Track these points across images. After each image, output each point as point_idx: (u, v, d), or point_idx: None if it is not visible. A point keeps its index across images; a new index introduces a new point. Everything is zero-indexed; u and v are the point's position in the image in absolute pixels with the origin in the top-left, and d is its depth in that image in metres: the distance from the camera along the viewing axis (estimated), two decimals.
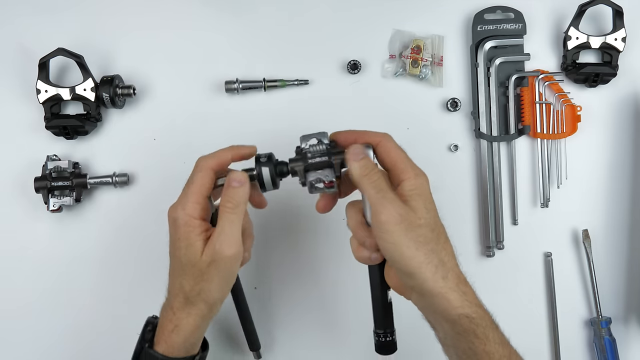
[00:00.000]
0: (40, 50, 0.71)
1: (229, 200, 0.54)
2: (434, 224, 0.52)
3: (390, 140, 0.55)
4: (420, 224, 0.51)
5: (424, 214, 0.52)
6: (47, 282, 0.74)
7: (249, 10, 0.77)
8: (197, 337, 0.57)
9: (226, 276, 0.55)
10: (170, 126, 0.75)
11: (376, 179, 0.52)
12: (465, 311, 0.51)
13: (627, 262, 0.75)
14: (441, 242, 0.52)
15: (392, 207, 0.50)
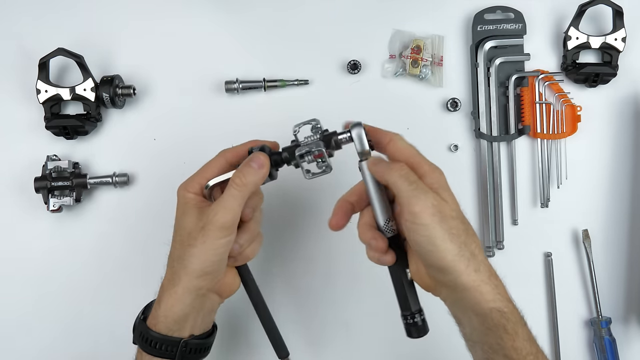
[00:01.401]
0: (40, 50, 0.71)
1: (239, 177, 0.54)
2: (463, 215, 0.53)
3: (401, 139, 0.55)
4: (453, 216, 0.51)
5: (454, 206, 0.52)
6: (47, 282, 0.74)
7: (249, 10, 0.77)
8: (178, 316, 0.55)
9: (210, 246, 0.54)
10: (170, 126, 0.75)
11: (406, 172, 0.52)
12: (497, 305, 0.50)
13: (627, 262, 0.75)
14: (470, 234, 0.52)
15: (426, 197, 0.50)
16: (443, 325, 0.55)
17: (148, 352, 0.55)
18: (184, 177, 0.75)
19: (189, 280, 0.55)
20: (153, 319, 0.56)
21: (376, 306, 0.72)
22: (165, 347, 0.55)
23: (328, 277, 0.74)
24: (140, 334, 0.56)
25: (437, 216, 0.50)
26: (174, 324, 0.55)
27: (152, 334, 0.55)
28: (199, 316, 0.57)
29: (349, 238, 0.58)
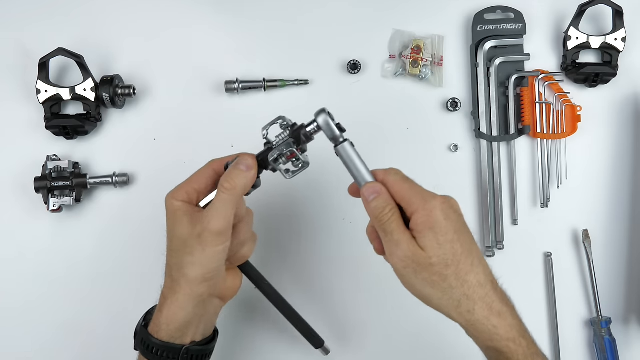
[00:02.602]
0: (40, 50, 0.71)
1: (227, 180, 0.54)
2: (451, 258, 0.50)
3: (394, 174, 0.53)
4: (431, 263, 0.49)
5: (435, 251, 0.49)
6: (46, 282, 0.74)
7: (249, 10, 0.77)
8: (180, 323, 0.55)
9: (209, 254, 0.53)
10: (170, 126, 0.75)
11: (385, 221, 0.51)
12: (495, 345, 0.50)
13: (627, 262, 0.75)
14: (462, 275, 0.50)
15: (399, 250, 0.50)
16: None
17: (149, 358, 0.55)
18: (184, 177, 0.75)
19: (190, 287, 0.54)
20: (155, 326, 0.56)
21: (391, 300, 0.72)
22: (167, 354, 0.55)
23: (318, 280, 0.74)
24: (142, 341, 0.56)
25: (410, 268, 0.50)
26: (176, 332, 0.55)
27: (153, 341, 0.55)
28: (201, 322, 0.57)
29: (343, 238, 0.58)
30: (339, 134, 0.54)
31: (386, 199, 0.52)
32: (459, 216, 0.52)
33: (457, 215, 0.52)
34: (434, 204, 0.50)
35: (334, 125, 0.54)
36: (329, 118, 0.54)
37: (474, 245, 0.52)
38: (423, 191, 0.52)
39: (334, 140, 0.54)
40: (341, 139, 0.54)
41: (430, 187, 0.73)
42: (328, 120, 0.54)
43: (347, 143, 0.54)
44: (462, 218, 0.53)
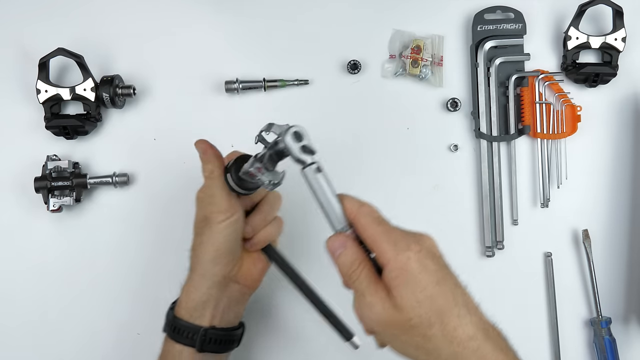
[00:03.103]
0: (40, 50, 0.71)
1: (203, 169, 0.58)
2: (434, 315, 0.44)
3: (366, 215, 0.47)
4: (411, 325, 0.44)
5: (414, 311, 0.43)
6: (46, 282, 0.74)
7: (249, 10, 0.77)
8: (196, 302, 0.57)
9: (214, 230, 0.56)
10: (170, 126, 0.75)
11: (354, 280, 0.46)
12: None
13: (627, 262, 0.75)
14: (449, 331, 0.44)
15: (372, 313, 0.45)
16: None
17: (173, 339, 0.57)
18: (184, 177, 0.76)
19: (203, 267, 0.57)
20: (178, 306, 0.59)
21: None
22: (187, 334, 0.57)
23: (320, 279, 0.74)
24: (168, 322, 0.59)
25: (388, 332, 0.45)
26: (194, 311, 0.57)
27: (176, 320, 0.57)
28: (219, 306, 0.58)
29: None
30: (302, 159, 0.49)
31: (353, 254, 0.47)
32: (439, 262, 0.46)
33: (435, 262, 0.46)
34: (407, 254, 0.44)
35: (296, 150, 0.48)
36: (290, 141, 0.49)
37: (459, 291, 0.46)
38: (397, 237, 0.46)
39: (299, 163, 0.49)
40: (307, 162, 0.49)
41: (430, 187, 0.75)
42: (290, 144, 0.49)
43: (310, 169, 0.49)
44: (442, 261, 0.47)
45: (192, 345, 0.57)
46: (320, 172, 0.49)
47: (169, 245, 0.74)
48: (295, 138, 0.49)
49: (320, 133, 0.75)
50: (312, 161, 0.49)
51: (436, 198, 0.75)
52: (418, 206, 0.75)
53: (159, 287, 0.74)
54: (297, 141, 0.49)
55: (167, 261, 0.74)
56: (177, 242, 0.74)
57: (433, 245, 0.47)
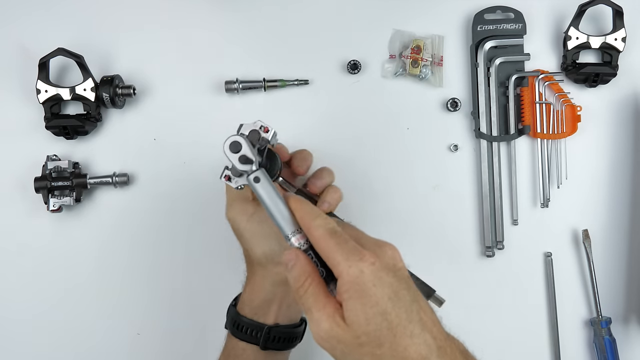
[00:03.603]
0: (40, 50, 0.71)
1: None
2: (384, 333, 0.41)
3: (317, 228, 0.45)
4: (360, 343, 0.42)
5: (363, 328, 0.41)
6: (46, 282, 0.74)
7: (249, 10, 0.77)
8: (260, 300, 0.57)
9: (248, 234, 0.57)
10: (170, 126, 0.75)
11: (301, 295, 0.45)
12: None
13: (627, 262, 0.75)
14: (399, 351, 0.41)
15: (320, 330, 0.43)
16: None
17: (236, 336, 0.58)
18: (184, 177, 0.76)
19: (262, 268, 0.58)
20: (241, 304, 0.59)
21: None
22: (251, 332, 0.57)
23: None
24: (231, 319, 0.59)
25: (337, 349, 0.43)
26: (259, 309, 0.57)
27: (240, 318, 0.58)
28: (283, 303, 0.58)
29: None
30: (244, 170, 0.49)
31: (301, 268, 0.45)
32: (396, 275, 0.44)
33: (392, 276, 0.43)
34: (360, 267, 0.42)
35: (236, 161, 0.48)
36: (227, 150, 0.49)
37: (415, 306, 0.43)
38: (351, 249, 0.44)
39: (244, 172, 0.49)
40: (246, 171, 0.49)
41: (430, 187, 0.75)
42: (229, 156, 0.48)
43: (249, 179, 0.48)
44: (402, 273, 0.44)
45: (255, 343, 0.57)
46: (259, 182, 0.48)
47: (169, 245, 0.74)
48: (232, 149, 0.49)
49: (320, 133, 0.75)
50: (252, 170, 0.49)
51: (436, 198, 0.75)
52: (418, 206, 0.75)
53: (159, 287, 0.74)
54: (234, 152, 0.49)
55: (167, 261, 0.74)
56: (177, 242, 0.74)
57: (394, 257, 0.45)
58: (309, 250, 0.47)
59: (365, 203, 0.74)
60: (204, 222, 0.74)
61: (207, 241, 0.74)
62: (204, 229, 0.74)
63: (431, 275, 0.76)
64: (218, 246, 0.73)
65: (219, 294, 0.74)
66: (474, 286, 0.74)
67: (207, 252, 0.74)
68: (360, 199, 0.73)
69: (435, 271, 0.74)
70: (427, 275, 0.75)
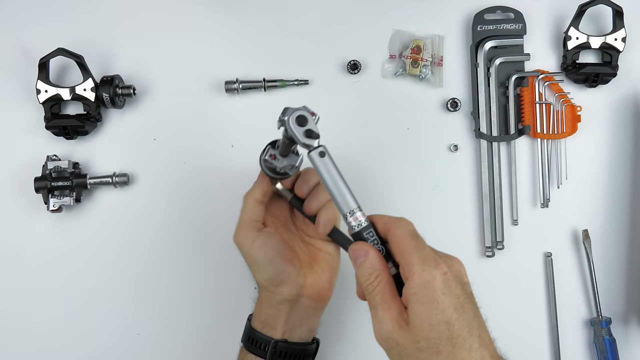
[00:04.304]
0: (40, 50, 0.71)
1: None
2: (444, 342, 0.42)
3: (400, 227, 0.46)
4: (418, 348, 0.42)
5: (425, 334, 0.42)
6: (46, 282, 0.74)
7: (249, 10, 0.77)
8: (268, 315, 0.58)
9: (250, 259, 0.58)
10: (170, 126, 0.75)
11: (370, 292, 0.46)
12: None
13: (627, 262, 0.75)
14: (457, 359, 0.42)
15: (381, 329, 0.44)
16: None
17: (247, 348, 0.58)
18: (184, 177, 0.76)
19: (266, 288, 0.58)
20: (253, 317, 0.60)
21: None
22: (259, 344, 0.57)
23: None
24: (245, 332, 0.60)
25: (395, 350, 0.44)
26: (266, 322, 0.58)
27: (252, 331, 0.58)
28: (290, 320, 0.58)
29: None
30: (307, 143, 0.48)
31: (372, 265, 0.46)
32: (464, 288, 0.45)
33: (460, 288, 0.44)
34: (433, 273, 0.43)
35: (299, 134, 0.47)
36: (291, 125, 0.48)
37: (476, 322, 0.44)
38: (427, 254, 0.44)
39: (304, 147, 0.48)
40: (311, 146, 0.48)
41: (430, 187, 0.75)
42: (292, 127, 0.47)
43: (314, 153, 0.48)
44: (468, 288, 0.46)
45: (263, 357, 0.57)
46: (324, 156, 0.48)
47: (169, 245, 0.74)
48: (298, 123, 0.48)
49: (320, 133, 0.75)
50: (316, 145, 0.48)
51: (436, 198, 0.75)
52: (418, 206, 0.75)
53: (158, 287, 0.74)
54: (300, 126, 0.48)
55: (167, 261, 0.74)
56: (177, 242, 0.74)
57: (462, 271, 0.46)
58: (369, 229, 0.47)
59: (365, 203, 0.73)
60: (204, 222, 0.74)
61: (207, 241, 0.74)
62: (204, 229, 0.74)
63: None
64: (218, 246, 0.73)
65: (219, 294, 0.74)
66: (474, 286, 0.73)
67: (207, 252, 0.74)
68: (360, 199, 0.73)
69: None
70: None
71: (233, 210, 0.74)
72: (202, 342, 0.73)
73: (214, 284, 0.73)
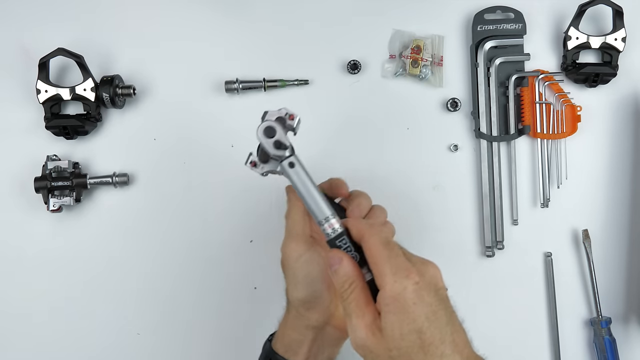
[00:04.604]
0: (40, 50, 0.71)
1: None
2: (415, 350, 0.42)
3: (373, 235, 0.46)
4: (390, 356, 0.43)
5: (396, 342, 0.42)
6: (46, 282, 0.74)
7: (249, 10, 0.77)
8: (291, 339, 0.56)
9: (291, 273, 0.55)
10: (170, 126, 0.75)
11: (344, 299, 0.46)
12: None
13: (627, 262, 0.75)
14: None
15: (355, 336, 0.45)
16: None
17: None
18: (184, 177, 0.76)
19: (296, 309, 0.56)
20: (275, 339, 0.58)
21: None
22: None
23: None
24: (265, 354, 0.58)
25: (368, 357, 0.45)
26: (289, 346, 0.56)
27: (273, 353, 0.56)
28: (313, 347, 0.57)
29: None
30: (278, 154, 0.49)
31: (345, 273, 0.46)
32: (437, 294, 0.45)
33: (433, 296, 0.44)
34: (404, 284, 0.43)
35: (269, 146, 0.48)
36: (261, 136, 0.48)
37: (449, 328, 0.44)
38: (400, 263, 0.45)
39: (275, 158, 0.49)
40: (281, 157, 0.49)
41: (430, 187, 0.75)
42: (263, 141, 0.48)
43: (284, 164, 0.49)
44: (442, 294, 0.45)
45: None
46: (294, 167, 0.49)
47: (168, 245, 0.74)
48: (266, 134, 0.49)
49: (320, 133, 0.75)
50: (286, 156, 0.49)
51: (436, 198, 0.75)
52: (418, 206, 0.75)
53: (158, 287, 0.74)
54: (269, 137, 0.49)
55: (167, 261, 0.74)
56: (176, 242, 0.74)
57: (436, 276, 0.46)
58: (343, 236, 0.48)
59: None
60: (204, 222, 0.74)
61: (208, 241, 0.74)
62: (204, 229, 0.74)
63: None
64: (218, 246, 0.73)
65: (219, 293, 0.74)
66: (474, 286, 0.74)
67: (207, 252, 0.74)
68: None
69: None
70: None
71: (233, 210, 0.75)
72: (202, 342, 0.73)
73: (214, 283, 0.73)
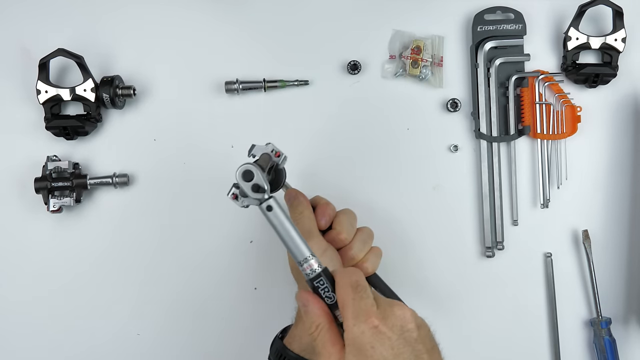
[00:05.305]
0: (41, 50, 0.71)
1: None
2: None
3: (344, 277, 0.48)
4: None
5: None
6: (47, 282, 0.74)
7: (249, 11, 0.77)
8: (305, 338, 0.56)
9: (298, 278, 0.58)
10: (170, 126, 0.75)
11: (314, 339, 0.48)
12: None
13: (627, 262, 0.75)
14: None
15: None
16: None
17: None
18: (183, 177, 0.76)
19: None
20: (290, 338, 0.58)
21: None
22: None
23: None
24: (276, 351, 0.58)
25: None
26: (308, 346, 0.56)
27: (287, 352, 0.56)
28: None
29: None
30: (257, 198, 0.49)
31: (311, 316, 0.48)
32: (403, 336, 0.45)
33: (397, 337, 0.45)
34: (362, 328, 0.44)
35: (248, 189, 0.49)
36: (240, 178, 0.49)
37: None
38: (363, 307, 0.46)
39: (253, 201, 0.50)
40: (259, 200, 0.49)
41: (430, 187, 0.75)
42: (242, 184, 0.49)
43: (261, 207, 0.49)
44: (411, 335, 0.45)
45: None
46: (271, 210, 0.49)
47: (169, 245, 0.74)
48: (245, 178, 0.49)
49: (320, 134, 0.75)
50: (264, 199, 0.49)
51: (436, 198, 0.75)
52: (418, 206, 0.75)
53: (159, 287, 0.74)
54: (247, 180, 0.49)
55: (167, 261, 0.74)
56: (177, 242, 0.74)
57: (403, 317, 0.46)
58: (320, 277, 0.48)
59: (364, 204, 0.74)
60: (204, 222, 0.74)
61: (208, 241, 0.74)
62: (204, 229, 0.74)
63: (431, 276, 0.76)
64: (218, 246, 0.73)
65: (219, 293, 0.74)
66: (474, 286, 0.74)
67: (207, 252, 0.74)
68: (360, 199, 0.73)
69: (435, 271, 0.74)
70: (427, 275, 0.75)
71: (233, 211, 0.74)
72: (202, 342, 0.73)
73: (214, 284, 0.74)
